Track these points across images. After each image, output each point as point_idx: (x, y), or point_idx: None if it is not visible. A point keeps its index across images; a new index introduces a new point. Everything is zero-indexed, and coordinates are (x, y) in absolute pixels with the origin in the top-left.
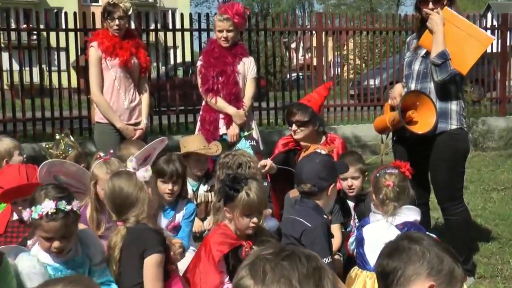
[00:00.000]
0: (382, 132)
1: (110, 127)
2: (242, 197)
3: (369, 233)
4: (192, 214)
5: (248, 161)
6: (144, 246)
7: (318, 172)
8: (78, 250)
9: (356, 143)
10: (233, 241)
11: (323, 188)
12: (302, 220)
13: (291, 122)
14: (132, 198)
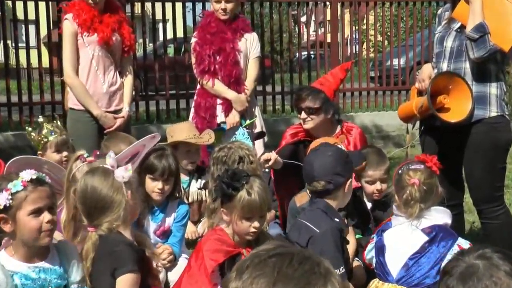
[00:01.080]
0: (408, 121)
1: (85, 114)
2: (242, 197)
3: (391, 239)
4: (184, 217)
5: (247, 154)
6: (115, 263)
7: (333, 167)
8: (55, 259)
9: (377, 134)
10: (230, 249)
11: (340, 185)
12: (309, 224)
13: (300, 109)
14: (106, 201)
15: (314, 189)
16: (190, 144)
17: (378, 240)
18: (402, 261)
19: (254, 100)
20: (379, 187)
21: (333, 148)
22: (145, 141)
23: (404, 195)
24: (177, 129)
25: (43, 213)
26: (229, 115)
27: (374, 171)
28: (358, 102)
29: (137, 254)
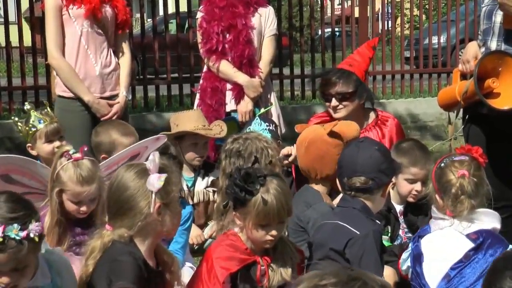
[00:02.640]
0: (450, 109)
1: (76, 103)
2: (256, 203)
3: (429, 246)
4: (187, 220)
5: (265, 147)
6: (112, 274)
7: (379, 163)
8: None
9: (412, 124)
10: (244, 256)
11: (382, 185)
12: (347, 225)
13: (329, 96)
14: (127, 203)
15: (352, 185)
16: (198, 136)
17: (414, 247)
18: (442, 271)
19: (269, 85)
20: (419, 187)
21: (377, 142)
22: (148, 142)
23: (453, 189)
24: (183, 118)
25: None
26: (240, 103)
27: (420, 169)
28: (391, 87)
29: (140, 271)
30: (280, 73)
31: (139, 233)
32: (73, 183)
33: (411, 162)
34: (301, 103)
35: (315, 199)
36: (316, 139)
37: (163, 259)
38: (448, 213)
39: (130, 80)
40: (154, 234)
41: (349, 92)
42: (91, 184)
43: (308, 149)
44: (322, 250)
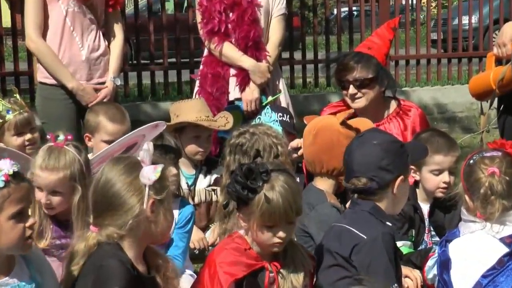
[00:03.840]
0: (483, 98)
1: (59, 90)
2: (260, 202)
3: (458, 252)
4: (188, 221)
5: (274, 144)
6: (98, 281)
7: (378, 159)
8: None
9: (440, 115)
10: (251, 261)
11: (386, 184)
12: (353, 229)
13: (346, 82)
14: (116, 199)
15: (354, 187)
16: (200, 127)
17: (441, 253)
18: (473, 279)
19: (278, 71)
20: (447, 178)
21: (381, 134)
22: (145, 130)
23: (482, 189)
24: (184, 108)
25: (25, 216)
26: (245, 90)
27: (445, 156)
28: (415, 73)
29: (129, 275)
30: (291, 57)
31: (128, 234)
32: (37, 166)
33: (433, 150)
34: (314, 91)
35: (318, 199)
36: (327, 127)
37: (156, 263)
38: (479, 215)
39: (121, 64)
40: (145, 235)
41: (368, 78)
42: (54, 172)
43: (316, 137)
44: (330, 257)
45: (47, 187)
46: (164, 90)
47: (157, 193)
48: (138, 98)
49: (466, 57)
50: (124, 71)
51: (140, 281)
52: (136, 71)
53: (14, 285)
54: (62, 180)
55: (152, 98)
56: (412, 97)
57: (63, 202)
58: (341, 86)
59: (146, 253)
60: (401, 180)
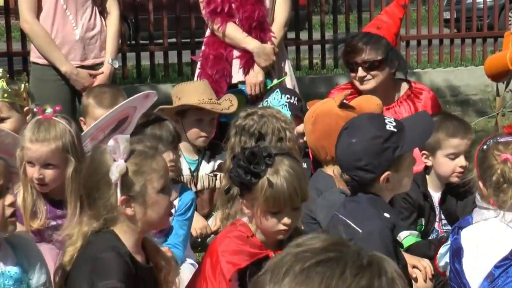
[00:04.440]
0: (499, 79)
1: (52, 71)
2: (264, 187)
3: (471, 240)
4: (189, 208)
5: (283, 128)
6: (94, 274)
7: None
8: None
9: (452, 98)
10: (255, 250)
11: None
12: (350, 222)
13: (355, 64)
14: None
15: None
16: (203, 111)
17: (453, 240)
18: (485, 269)
19: (283, 52)
20: (463, 162)
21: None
22: (136, 101)
23: (494, 176)
24: (186, 90)
25: (5, 195)
26: (249, 73)
27: (462, 139)
28: (427, 54)
29: (127, 268)
30: (297, 38)
31: (120, 225)
32: (27, 140)
33: (449, 133)
34: (321, 73)
35: (327, 185)
36: (324, 113)
37: (156, 260)
38: (492, 202)
39: (118, 44)
40: (137, 226)
41: (378, 59)
42: (45, 144)
43: (315, 124)
44: None
45: (39, 160)
46: (164, 72)
47: (127, 190)
48: (137, 80)
49: (481, 37)
50: (123, 52)
51: (139, 272)
52: (135, 52)
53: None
54: (55, 152)
55: (152, 80)
56: (423, 79)
57: (57, 176)
58: (349, 68)
59: (146, 246)
60: (387, 176)
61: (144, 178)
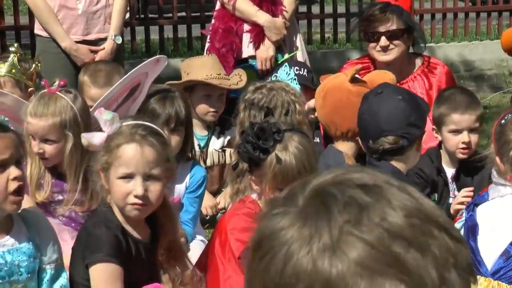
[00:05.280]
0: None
1: (53, 44)
2: (272, 163)
3: (486, 217)
4: (200, 186)
5: (293, 101)
6: (85, 251)
7: (407, 115)
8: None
9: (467, 73)
10: None
11: (414, 140)
12: None
13: (377, 34)
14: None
15: (379, 148)
16: (211, 86)
17: (469, 217)
18: (501, 247)
19: (295, 26)
20: (466, 138)
21: (398, 89)
22: (146, 67)
23: (511, 152)
24: (195, 65)
25: (9, 168)
26: (260, 47)
27: (462, 114)
28: (441, 28)
29: (117, 242)
30: (308, 11)
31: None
32: (28, 113)
33: (451, 108)
34: (333, 47)
35: (337, 161)
36: (336, 87)
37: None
38: (509, 178)
39: (123, 19)
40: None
41: (402, 29)
42: (43, 119)
43: (325, 99)
44: None
45: (37, 134)
46: (173, 46)
47: (102, 161)
48: (146, 55)
49: (496, 11)
50: (131, 25)
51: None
52: (144, 25)
53: (14, 248)
54: (52, 127)
55: (160, 54)
56: (437, 53)
57: (56, 151)
58: (370, 39)
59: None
60: (424, 136)
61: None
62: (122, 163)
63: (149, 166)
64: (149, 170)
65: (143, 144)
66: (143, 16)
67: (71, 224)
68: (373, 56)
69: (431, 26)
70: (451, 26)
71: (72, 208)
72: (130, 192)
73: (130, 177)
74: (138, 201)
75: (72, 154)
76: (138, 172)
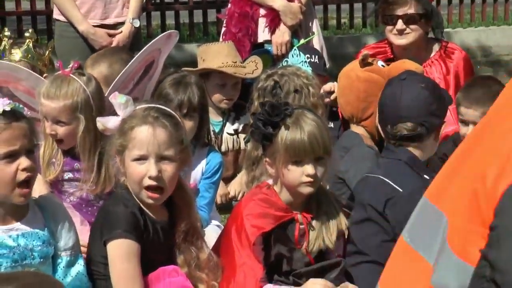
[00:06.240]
0: None
1: (70, 28)
2: (284, 135)
3: None
4: (217, 172)
5: (306, 84)
6: (103, 229)
7: (428, 103)
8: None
9: (484, 58)
10: (280, 213)
11: (433, 129)
12: (389, 181)
13: (394, 18)
14: None
15: (397, 134)
16: (225, 75)
17: None
18: None
19: (311, 11)
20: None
21: (423, 77)
22: (159, 43)
23: None
24: (211, 51)
25: (19, 158)
26: (275, 32)
27: (466, 108)
28: (458, 13)
29: (134, 219)
30: None
31: None
32: (42, 95)
33: (460, 98)
34: (349, 32)
35: (353, 142)
36: (345, 72)
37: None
38: None
39: (142, 3)
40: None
41: (420, 13)
42: (54, 101)
43: (338, 83)
44: (362, 210)
45: (49, 116)
46: (189, 31)
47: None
48: None
49: None
50: (147, 10)
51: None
52: (160, 10)
53: (28, 232)
54: (63, 109)
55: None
56: (454, 39)
57: (68, 133)
58: (386, 22)
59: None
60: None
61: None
62: (135, 145)
63: (161, 147)
64: (162, 151)
65: (155, 125)
66: (159, 1)
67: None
68: (390, 40)
69: (448, 11)
70: (468, 11)
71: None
72: (145, 175)
73: (143, 158)
74: (152, 183)
75: (84, 136)
76: (151, 153)
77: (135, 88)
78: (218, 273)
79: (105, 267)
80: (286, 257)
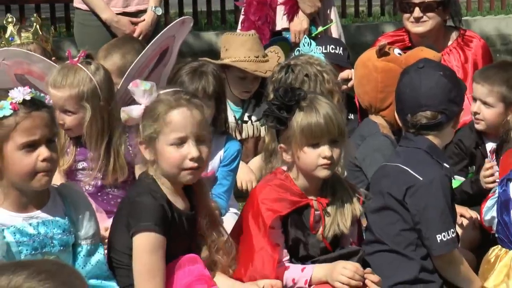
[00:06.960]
0: None
1: (92, 17)
2: (299, 119)
3: None
4: (235, 159)
5: (319, 71)
6: (130, 219)
7: (447, 91)
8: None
9: (503, 47)
10: (296, 198)
11: (453, 116)
12: (409, 170)
13: (411, 5)
14: None
15: (416, 123)
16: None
17: (502, 192)
18: None
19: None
20: (475, 108)
21: (440, 65)
22: (173, 29)
23: None
24: (235, 42)
25: (39, 148)
26: (294, 20)
27: (477, 83)
28: (477, 1)
29: (162, 212)
30: None
31: (154, 170)
32: (49, 84)
33: (475, 75)
34: (367, 21)
35: (370, 131)
36: (362, 61)
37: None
38: None
39: None
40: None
41: (437, 1)
42: (60, 90)
43: (355, 72)
44: (380, 198)
45: (56, 105)
46: (206, 19)
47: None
48: None
49: None
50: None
51: (176, 217)
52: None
53: (48, 220)
54: (68, 99)
55: (194, 27)
56: (473, 27)
57: (75, 122)
58: (404, 9)
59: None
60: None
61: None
62: (173, 129)
63: (199, 127)
64: (200, 131)
65: (190, 107)
66: None
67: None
68: (407, 28)
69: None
70: None
71: (98, 176)
72: (185, 157)
73: (183, 141)
74: (194, 164)
75: (91, 125)
76: (190, 134)
77: (150, 75)
78: (233, 257)
79: (129, 257)
80: (302, 242)
